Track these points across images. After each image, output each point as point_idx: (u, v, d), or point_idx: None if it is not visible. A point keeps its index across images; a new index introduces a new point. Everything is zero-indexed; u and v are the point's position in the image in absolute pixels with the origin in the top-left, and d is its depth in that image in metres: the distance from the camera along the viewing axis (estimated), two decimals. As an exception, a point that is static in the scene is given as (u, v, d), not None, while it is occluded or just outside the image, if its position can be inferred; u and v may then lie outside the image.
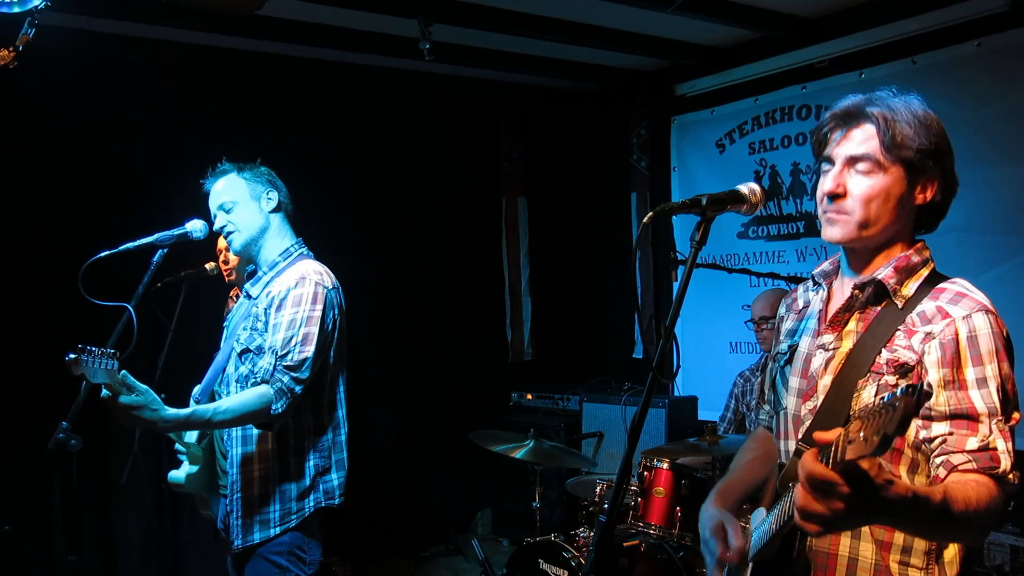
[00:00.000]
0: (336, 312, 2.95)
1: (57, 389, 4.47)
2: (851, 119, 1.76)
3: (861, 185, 1.73)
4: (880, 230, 1.75)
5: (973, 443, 1.59)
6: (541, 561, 3.75)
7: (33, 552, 4.44)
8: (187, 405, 2.79)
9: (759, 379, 4.37)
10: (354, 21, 4.68)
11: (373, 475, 5.68)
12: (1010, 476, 1.59)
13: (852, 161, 1.74)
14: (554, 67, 5.59)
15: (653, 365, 1.63)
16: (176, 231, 2.94)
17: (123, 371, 2.48)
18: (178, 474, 3.35)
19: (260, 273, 3.03)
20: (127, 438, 4.35)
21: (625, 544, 3.61)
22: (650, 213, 1.69)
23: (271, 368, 2.77)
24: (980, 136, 4.07)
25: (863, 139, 1.73)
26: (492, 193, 6.56)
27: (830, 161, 1.78)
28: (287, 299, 2.84)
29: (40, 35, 2.90)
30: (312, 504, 2.90)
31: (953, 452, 1.60)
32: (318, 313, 2.84)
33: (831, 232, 1.77)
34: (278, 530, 2.85)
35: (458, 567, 5.72)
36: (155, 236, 2.89)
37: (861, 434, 1.23)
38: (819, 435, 1.35)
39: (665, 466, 3.74)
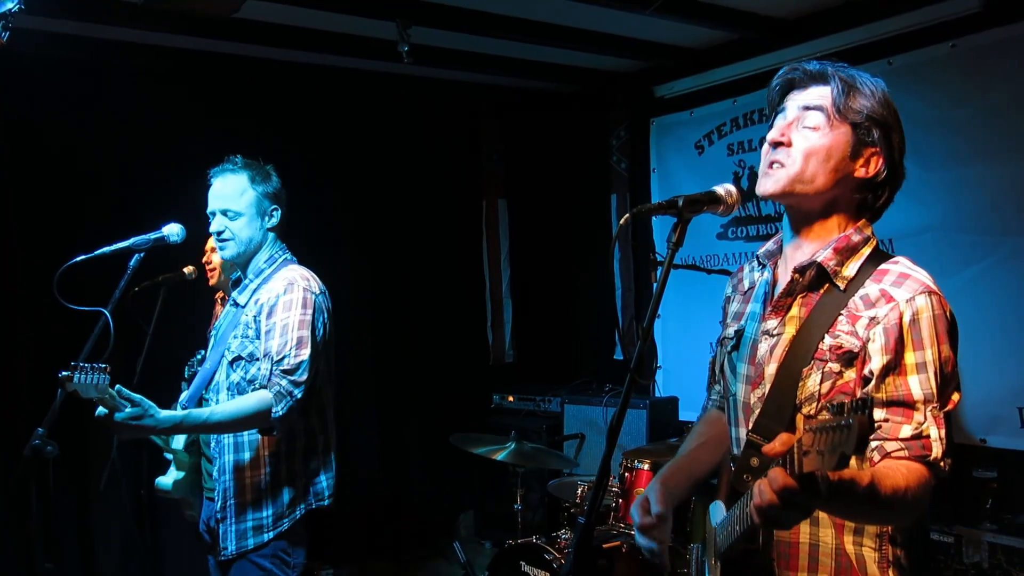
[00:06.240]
0: (325, 317, 2.97)
1: (35, 395, 4.43)
2: (812, 78, 1.80)
3: (807, 140, 1.75)
4: (815, 190, 1.76)
5: (907, 431, 1.62)
6: (523, 563, 3.75)
7: (10, 560, 4.39)
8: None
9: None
10: (332, 24, 4.66)
11: (354, 478, 5.63)
12: (941, 463, 1.61)
13: (805, 111, 1.77)
14: (533, 69, 5.59)
15: (631, 366, 1.64)
16: (153, 235, 2.92)
17: (117, 385, 2.48)
18: (165, 480, 3.33)
19: (247, 281, 3.03)
20: (105, 444, 4.31)
21: (606, 545, 3.62)
22: (626, 215, 1.70)
23: (268, 374, 2.80)
24: (955, 136, 4.08)
25: (819, 95, 1.77)
26: (472, 195, 6.56)
27: (783, 112, 1.81)
28: (277, 305, 2.87)
29: (15, 38, 2.88)
30: (303, 507, 2.91)
31: (887, 439, 1.62)
32: (309, 317, 2.87)
33: (765, 183, 1.78)
34: (271, 534, 2.87)
35: (440, 570, 5.70)
36: (131, 240, 2.87)
37: (816, 448, 1.27)
38: (768, 448, 1.41)
39: (646, 467, 3.77)
